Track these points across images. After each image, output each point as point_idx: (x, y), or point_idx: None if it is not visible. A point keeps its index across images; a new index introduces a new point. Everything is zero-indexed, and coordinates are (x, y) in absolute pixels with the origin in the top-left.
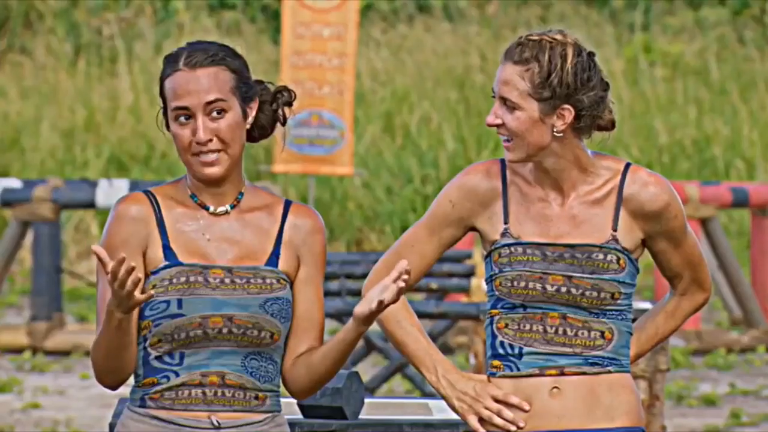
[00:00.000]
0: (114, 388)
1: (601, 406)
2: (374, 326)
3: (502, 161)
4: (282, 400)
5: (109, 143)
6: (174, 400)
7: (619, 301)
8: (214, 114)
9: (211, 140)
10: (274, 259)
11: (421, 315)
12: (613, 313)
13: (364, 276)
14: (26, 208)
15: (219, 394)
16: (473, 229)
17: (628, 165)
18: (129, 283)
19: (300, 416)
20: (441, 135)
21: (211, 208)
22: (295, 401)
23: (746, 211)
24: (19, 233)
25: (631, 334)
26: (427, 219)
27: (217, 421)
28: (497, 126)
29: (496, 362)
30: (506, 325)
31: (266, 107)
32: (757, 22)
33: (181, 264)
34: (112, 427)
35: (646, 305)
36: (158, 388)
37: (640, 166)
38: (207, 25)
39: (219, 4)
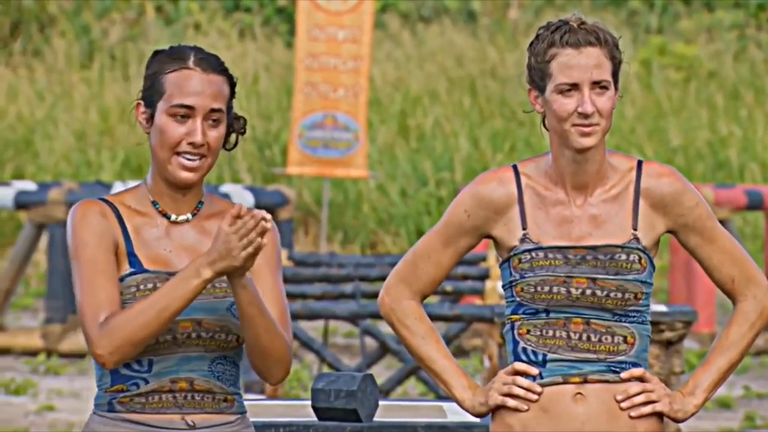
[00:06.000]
0: (110, 367)
1: (624, 413)
2: (389, 329)
3: (515, 167)
4: (296, 402)
5: (123, 146)
6: (144, 404)
7: (640, 302)
8: (211, 122)
9: (203, 145)
10: None
11: (436, 318)
12: (635, 314)
13: (378, 278)
14: (41, 210)
15: (189, 397)
16: (488, 236)
17: (640, 161)
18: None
19: (314, 419)
20: (455, 137)
21: (173, 217)
22: (309, 404)
23: (761, 213)
24: (33, 236)
25: (649, 337)
26: (442, 229)
27: (192, 422)
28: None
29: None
30: (528, 331)
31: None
32: None
33: (146, 271)
34: None
35: (661, 308)
36: (127, 394)
37: (651, 161)
38: (221, 27)
39: (233, 6)
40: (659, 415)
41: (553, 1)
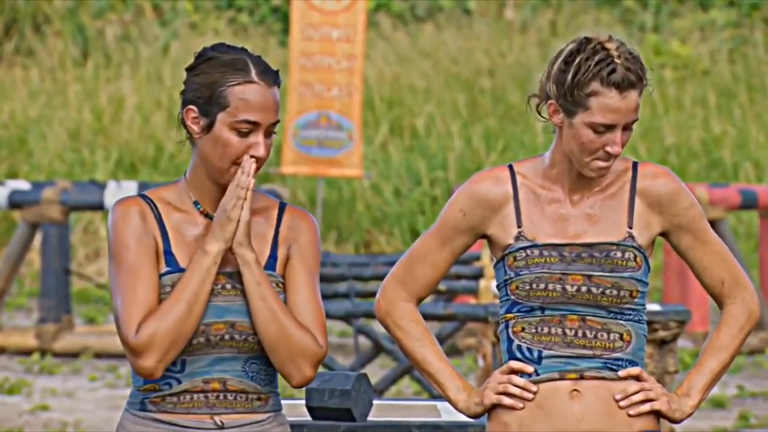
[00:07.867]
0: (160, 374)
1: (621, 410)
2: (383, 328)
3: (510, 167)
4: (290, 402)
5: (116, 145)
6: (176, 404)
7: (636, 300)
8: (266, 134)
9: (264, 157)
10: (272, 262)
11: (430, 317)
12: (631, 312)
13: (372, 278)
14: (35, 210)
15: (221, 397)
16: (484, 236)
17: (635, 162)
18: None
19: (308, 418)
20: (449, 137)
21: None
22: (304, 403)
23: (755, 212)
24: (27, 235)
25: (645, 336)
26: (438, 229)
27: (221, 421)
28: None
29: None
30: (523, 329)
31: None
32: (766, 24)
33: (182, 270)
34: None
35: (655, 307)
36: (160, 393)
37: (646, 162)
38: (216, 26)
39: (227, 6)
40: (655, 414)
41: (549, 0)
